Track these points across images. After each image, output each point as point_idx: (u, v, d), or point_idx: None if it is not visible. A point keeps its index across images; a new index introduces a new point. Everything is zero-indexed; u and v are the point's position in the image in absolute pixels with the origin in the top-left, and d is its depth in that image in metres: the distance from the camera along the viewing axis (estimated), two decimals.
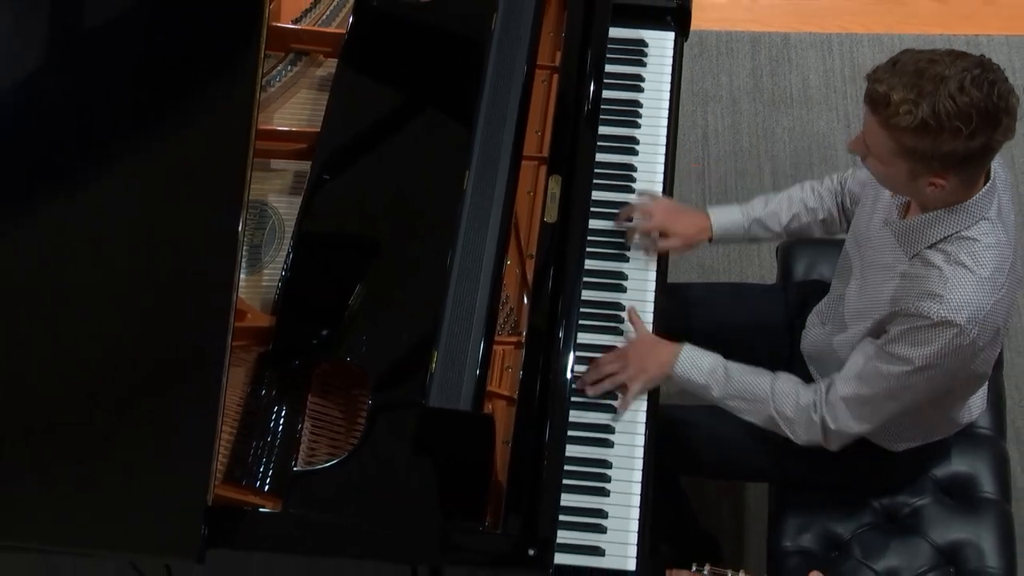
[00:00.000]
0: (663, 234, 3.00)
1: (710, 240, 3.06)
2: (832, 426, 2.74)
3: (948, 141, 2.38)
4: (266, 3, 2.81)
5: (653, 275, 3.01)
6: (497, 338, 2.74)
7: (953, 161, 2.43)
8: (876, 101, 2.41)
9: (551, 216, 2.86)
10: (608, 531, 2.69)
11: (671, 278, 3.10)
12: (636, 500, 2.73)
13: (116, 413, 2.53)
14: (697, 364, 2.86)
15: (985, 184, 2.55)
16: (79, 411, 2.53)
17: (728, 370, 2.85)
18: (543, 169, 2.93)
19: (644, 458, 2.78)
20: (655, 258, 3.01)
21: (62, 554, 2.56)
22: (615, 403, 2.84)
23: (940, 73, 2.37)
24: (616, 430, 2.80)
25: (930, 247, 2.59)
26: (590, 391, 2.84)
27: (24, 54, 2.75)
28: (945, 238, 2.57)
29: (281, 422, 2.66)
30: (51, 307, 2.59)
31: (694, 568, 2.47)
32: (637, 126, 3.17)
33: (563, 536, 2.63)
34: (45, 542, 2.49)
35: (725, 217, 3.05)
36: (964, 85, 2.35)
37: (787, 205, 3.04)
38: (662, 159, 3.13)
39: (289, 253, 2.75)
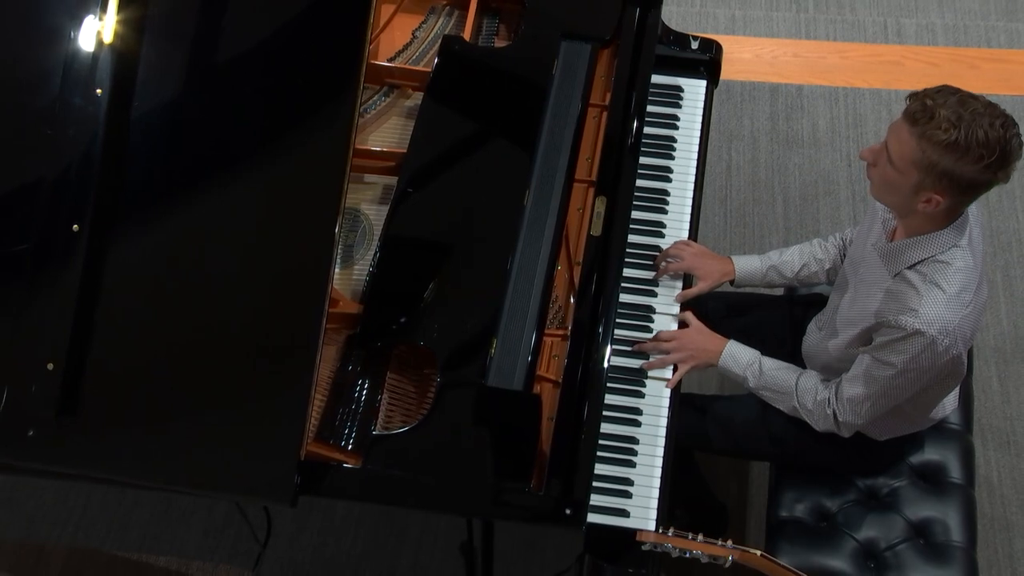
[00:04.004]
0: (688, 278, 2.99)
1: (732, 283, 3.04)
2: (841, 419, 2.75)
3: (967, 164, 2.39)
4: (366, 44, 2.81)
5: (679, 283, 2.99)
6: (547, 331, 2.74)
7: (959, 184, 2.43)
8: (918, 115, 2.41)
9: (596, 230, 2.85)
10: (633, 496, 2.67)
11: None
12: (658, 472, 2.71)
13: (232, 382, 2.55)
14: (737, 358, 2.86)
15: (958, 218, 2.55)
16: (203, 382, 2.55)
17: (763, 365, 2.85)
18: (591, 191, 2.92)
19: (666, 437, 2.76)
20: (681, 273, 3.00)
21: (182, 493, 2.57)
22: (643, 389, 2.81)
23: (977, 109, 2.39)
24: (643, 412, 2.78)
25: (909, 268, 2.58)
26: (645, 365, 2.83)
27: (169, 80, 2.76)
28: (922, 260, 2.57)
29: (364, 393, 2.66)
30: (189, 293, 2.61)
31: (660, 530, 2.47)
32: (672, 158, 3.15)
33: (595, 499, 2.62)
34: (172, 483, 2.52)
35: (746, 264, 3.04)
36: (995, 124, 2.38)
37: (798, 256, 3.03)
38: (692, 186, 3.11)
39: (376, 252, 2.76)
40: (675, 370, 2.84)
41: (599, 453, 2.66)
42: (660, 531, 2.47)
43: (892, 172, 2.48)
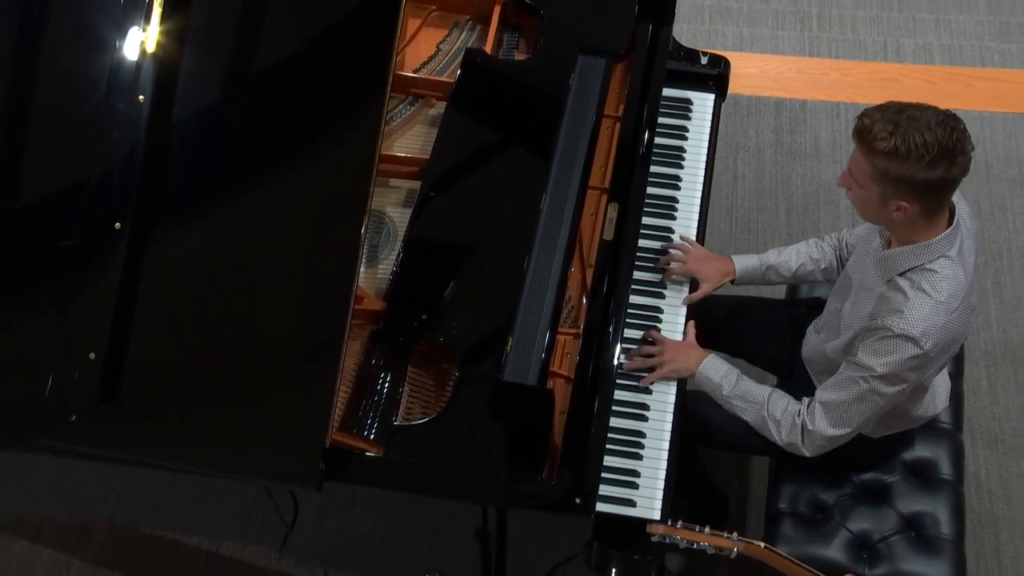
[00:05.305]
0: (694, 279, 2.97)
1: (733, 282, 3.03)
2: (810, 427, 2.69)
3: (912, 167, 2.39)
4: (393, 56, 2.81)
5: (686, 286, 2.98)
6: (560, 329, 2.73)
7: (915, 187, 2.43)
8: (861, 131, 2.45)
9: (608, 235, 2.84)
10: (639, 487, 2.66)
11: None
12: (663, 464, 2.70)
13: (262, 374, 2.55)
14: (716, 367, 2.83)
15: (949, 228, 2.54)
16: (235, 374, 2.55)
17: (739, 377, 2.82)
18: (604, 197, 2.91)
19: (672, 431, 2.75)
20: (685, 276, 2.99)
21: (215, 477, 2.58)
22: (650, 386, 2.80)
23: (914, 115, 2.41)
24: (650, 407, 2.78)
25: (900, 275, 2.58)
26: (627, 365, 2.81)
27: (208, 88, 2.76)
28: (912, 268, 2.56)
29: (386, 385, 2.66)
30: (223, 288, 2.61)
31: (669, 522, 2.46)
32: (681, 167, 3.14)
33: (603, 489, 2.61)
34: (205, 468, 2.52)
35: (745, 263, 3.02)
36: (931, 125, 2.39)
37: (795, 256, 3.01)
38: (699, 194, 3.11)
39: (400, 252, 2.76)
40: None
41: (608, 446, 2.65)
42: (669, 523, 2.45)
43: (859, 191, 2.51)
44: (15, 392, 2.53)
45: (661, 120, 3.13)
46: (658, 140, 3.12)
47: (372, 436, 2.59)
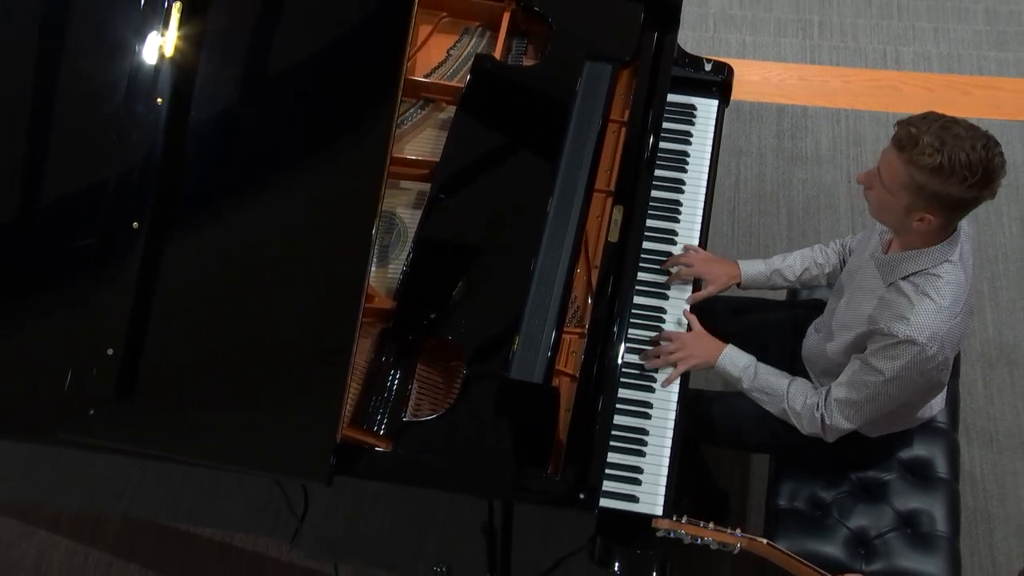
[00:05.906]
0: (697, 280, 2.97)
1: (738, 285, 3.03)
2: (828, 422, 2.72)
3: (952, 185, 2.38)
4: (404, 61, 2.81)
5: (689, 288, 2.98)
6: (565, 329, 2.73)
7: (947, 204, 2.42)
8: (905, 141, 2.41)
9: (614, 236, 2.85)
10: (642, 483, 2.67)
11: None
12: (666, 461, 2.70)
13: (275, 371, 2.55)
14: (735, 361, 2.84)
15: (952, 234, 2.53)
16: (248, 371, 2.55)
17: (757, 369, 2.83)
18: (609, 200, 2.92)
19: (674, 429, 2.75)
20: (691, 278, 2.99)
21: (227, 471, 2.58)
22: (654, 384, 2.80)
23: (959, 133, 2.38)
24: (653, 405, 2.78)
25: (903, 279, 2.57)
26: (648, 365, 2.81)
27: (224, 91, 2.77)
28: (915, 272, 2.56)
29: (395, 382, 2.66)
30: (237, 286, 2.62)
31: (674, 518, 2.46)
32: (684, 171, 3.14)
33: (607, 485, 2.62)
34: (219, 462, 2.53)
35: (752, 268, 3.02)
36: (976, 146, 2.36)
37: (800, 261, 3.02)
38: (702, 198, 3.11)
39: (410, 253, 2.76)
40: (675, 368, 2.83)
41: (611, 443, 2.66)
42: (674, 518, 2.46)
43: (885, 195, 2.48)
44: (35, 387, 2.54)
45: (665, 125, 3.13)
46: (662, 144, 3.12)
47: (382, 432, 2.60)
